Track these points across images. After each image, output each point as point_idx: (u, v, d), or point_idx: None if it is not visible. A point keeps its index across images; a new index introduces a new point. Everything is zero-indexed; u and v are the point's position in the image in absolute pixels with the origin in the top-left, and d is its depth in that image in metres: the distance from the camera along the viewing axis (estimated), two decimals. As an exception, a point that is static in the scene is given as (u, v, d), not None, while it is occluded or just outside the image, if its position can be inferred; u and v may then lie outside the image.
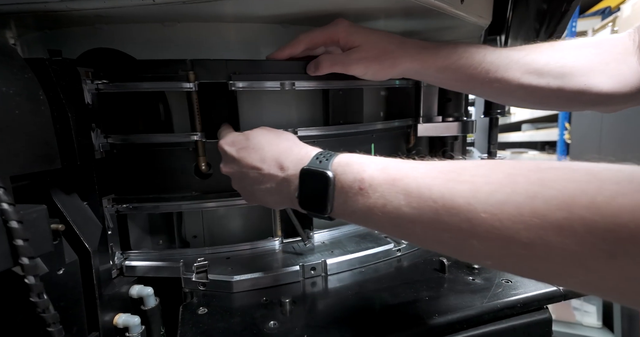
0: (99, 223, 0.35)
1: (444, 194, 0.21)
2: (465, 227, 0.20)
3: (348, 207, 0.26)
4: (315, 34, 0.39)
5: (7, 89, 0.25)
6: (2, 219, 0.22)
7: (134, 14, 0.39)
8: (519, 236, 0.18)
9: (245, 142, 0.34)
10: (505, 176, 0.20)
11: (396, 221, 0.23)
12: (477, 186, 0.20)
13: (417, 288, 0.36)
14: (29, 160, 0.27)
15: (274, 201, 0.33)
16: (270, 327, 0.31)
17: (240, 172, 0.33)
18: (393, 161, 0.26)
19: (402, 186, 0.23)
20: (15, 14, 0.38)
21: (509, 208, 0.18)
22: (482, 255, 0.20)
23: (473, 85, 0.40)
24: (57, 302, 0.27)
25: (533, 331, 0.33)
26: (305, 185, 0.28)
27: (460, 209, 0.20)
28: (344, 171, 0.26)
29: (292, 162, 0.30)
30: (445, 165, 0.23)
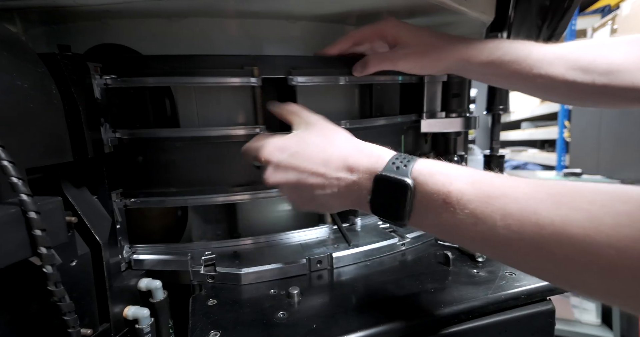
0: (109, 216, 0.36)
1: (553, 221, 0.19)
2: (581, 259, 0.18)
3: (429, 220, 0.25)
4: (364, 31, 0.41)
5: (22, 83, 0.26)
6: (21, 209, 0.22)
7: (141, 9, 0.39)
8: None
9: (298, 145, 0.31)
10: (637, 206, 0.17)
11: (489, 240, 0.22)
12: (597, 216, 0.18)
13: (422, 280, 0.37)
14: (42, 153, 0.28)
15: (338, 205, 0.31)
16: (280, 317, 0.31)
17: (297, 179, 0.30)
18: (484, 174, 0.24)
19: (499, 206, 0.21)
20: (22, 9, 0.38)
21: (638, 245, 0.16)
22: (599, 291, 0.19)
23: (516, 81, 0.40)
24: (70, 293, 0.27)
25: (536, 321, 0.33)
26: (380, 192, 0.26)
27: (574, 240, 0.18)
28: (426, 181, 0.25)
29: (363, 165, 0.28)
30: (553, 187, 0.21)
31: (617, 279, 0.18)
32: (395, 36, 0.40)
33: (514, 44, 0.39)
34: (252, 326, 0.30)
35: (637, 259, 0.17)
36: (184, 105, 0.43)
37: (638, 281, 0.17)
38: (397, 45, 0.40)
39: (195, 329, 0.30)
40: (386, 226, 0.49)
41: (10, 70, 0.26)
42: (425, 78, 0.51)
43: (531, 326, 0.33)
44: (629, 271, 0.17)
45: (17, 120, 0.25)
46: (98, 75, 0.36)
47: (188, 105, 0.43)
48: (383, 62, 0.40)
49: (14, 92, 0.25)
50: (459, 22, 0.52)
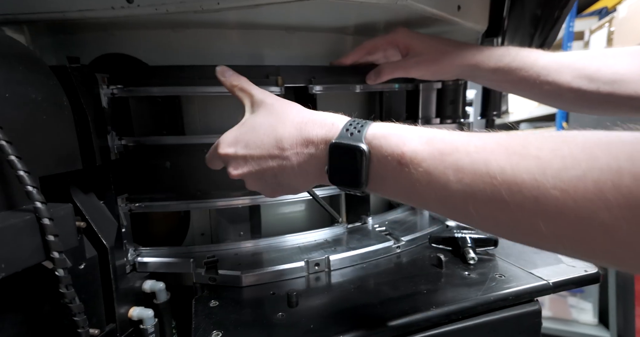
0: (115, 221, 0.37)
1: (504, 169, 0.19)
2: (530, 206, 0.18)
3: (386, 182, 0.24)
4: (377, 41, 0.44)
5: (36, 96, 0.27)
6: (36, 216, 0.24)
7: (146, 21, 0.41)
8: (597, 217, 0.16)
9: (251, 132, 0.30)
10: (581, 149, 0.17)
11: (443, 199, 0.21)
12: (545, 161, 0.18)
13: (415, 282, 0.38)
14: (54, 162, 0.29)
15: (302, 183, 0.30)
16: (279, 317, 0.33)
17: (257, 167, 0.29)
18: (439, 132, 0.23)
19: (452, 161, 0.21)
20: (32, 21, 0.40)
21: (585, 185, 0.16)
22: (548, 237, 0.18)
23: (523, 87, 0.42)
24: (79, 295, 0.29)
25: (524, 321, 0.35)
26: (336, 160, 0.25)
27: (524, 186, 0.18)
28: (380, 144, 0.24)
29: (317, 135, 0.27)
30: (504, 138, 0.20)
31: (564, 222, 0.17)
32: (407, 44, 0.42)
33: (521, 51, 0.40)
34: (253, 326, 0.32)
35: (580, 199, 0.16)
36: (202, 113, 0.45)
37: (582, 223, 0.17)
38: (409, 53, 0.43)
39: (199, 329, 0.32)
40: (382, 229, 0.51)
41: (25, 83, 0.27)
42: (420, 85, 0.53)
43: (519, 326, 0.35)
44: (573, 213, 0.17)
45: (31, 132, 0.27)
46: (105, 85, 0.38)
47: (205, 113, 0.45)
48: (396, 70, 0.43)
49: (28, 104, 0.27)
50: (454, 31, 0.53)
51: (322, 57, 0.49)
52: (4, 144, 0.23)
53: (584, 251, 0.18)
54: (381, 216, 0.55)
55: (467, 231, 0.46)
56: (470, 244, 0.44)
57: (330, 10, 0.41)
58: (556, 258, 0.42)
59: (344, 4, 0.38)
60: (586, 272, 0.38)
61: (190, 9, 0.36)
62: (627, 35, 1.72)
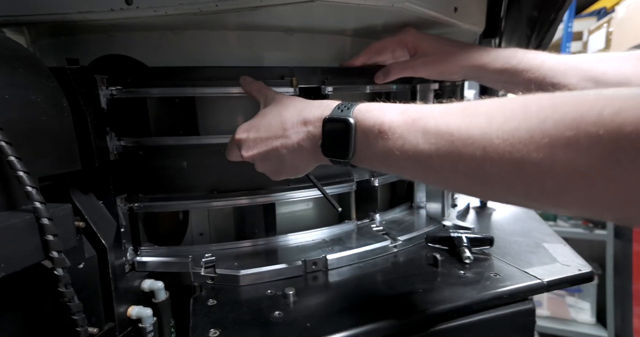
0: (114, 221, 0.38)
1: (460, 127, 0.23)
2: (479, 154, 0.21)
3: (369, 151, 0.28)
4: (386, 42, 0.46)
5: (36, 97, 0.28)
6: (35, 216, 0.24)
7: (146, 23, 0.41)
8: (529, 156, 0.19)
9: (260, 119, 0.35)
10: (519, 105, 0.21)
11: (414, 157, 0.25)
12: (491, 117, 0.22)
13: (412, 281, 0.38)
14: (53, 163, 0.29)
15: (302, 162, 0.33)
16: (276, 316, 0.33)
17: (264, 148, 0.33)
18: (413, 105, 0.27)
19: (421, 125, 0.25)
20: (33, 23, 0.40)
21: (520, 133, 0.20)
22: (494, 178, 0.22)
23: (529, 89, 0.42)
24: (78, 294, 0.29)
25: (518, 319, 0.35)
26: (328, 133, 0.30)
27: (475, 139, 0.22)
28: (364, 117, 0.28)
29: (314, 115, 0.31)
30: (463, 104, 0.25)
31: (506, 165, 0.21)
32: (415, 45, 0.44)
33: (528, 53, 0.42)
34: (250, 325, 0.32)
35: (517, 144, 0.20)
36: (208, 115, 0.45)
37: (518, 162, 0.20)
38: (416, 53, 0.45)
39: (196, 328, 0.32)
40: (380, 229, 0.51)
41: (25, 85, 0.27)
42: (417, 86, 0.53)
43: (513, 324, 0.35)
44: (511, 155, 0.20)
45: (31, 133, 0.27)
46: (104, 86, 0.38)
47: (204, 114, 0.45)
48: (405, 69, 0.45)
49: (28, 106, 0.27)
50: (451, 33, 0.54)
51: (321, 59, 0.50)
52: (4, 145, 0.23)
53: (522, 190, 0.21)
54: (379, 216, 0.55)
55: (463, 231, 0.46)
56: (466, 244, 0.44)
57: (328, 12, 0.41)
58: (551, 257, 0.43)
59: (342, 7, 0.38)
60: (580, 271, 0.39)
61: (189, 11, 0.36)
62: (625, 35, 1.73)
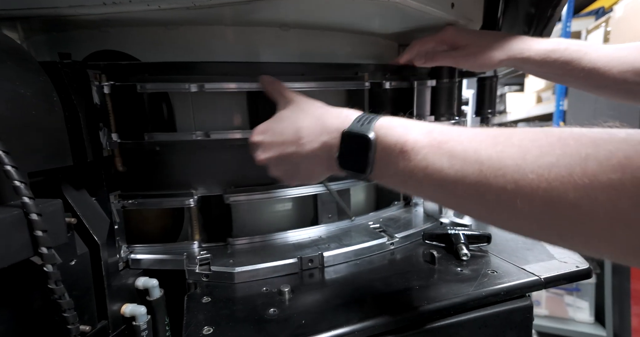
0: (107, 217, 0.37)
1: (491, 156, 0.21)
2: (511, 188, 0.20)
3: (389, 170, 0.27)
4: (427, 40, 0.48)
5: (25, 91, 0.27)
6: (24, 211, 0.24)
7: (139, 18, 0.40)
8: (566, 196, 0.18)
9: (277, 123, 0.34)
10: (557, 139, 0.20)
11: (437, 182, 0.24)
12: (526, 149, 0.20)
13: (408, 278, 0.38)
14: (44, 158, 0.29)
15: (316, 171, 0.33)
16: (271, 313, 0.33)
17: (278, 153, 0.33)
18: (439, 126, 0.26)
19: (447, 149, 0.24)
20: (25, 18, 0.39)
21: (558, 169, 0.19)
22: (525, 215, 0.20)
23: (569, 79, 0.44)
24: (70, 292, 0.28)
25: (515, 316, 0.35)
26: (346, 147, 0.29)
27: (507, 170, 0.20)
28: (386, 134, 0.27)
29: (332, 125, 0.30)
30: (493, 131, 0.23)
31: (538, 202, 0.19)
32: (455, 41, 0.46)
33: (571, 46, 0.42)
34: (244, 322, 0.32)
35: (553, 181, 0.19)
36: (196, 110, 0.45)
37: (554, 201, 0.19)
38: (457, 48, 0.46)
39: (190, 325, 0.32)
40: (376, 226, 0.51)
41: (14, 79, 0.27)
42: (414, 83, 0.53)
43: (510, 321, 0.35)
44: (547, 193, 0.19)
45: (20, 127, 0.27)
46: (97, 81, 0.38)
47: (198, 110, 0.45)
48: (446, 58, 0.47)
49: (17, 100, 0.27)
50: (448, 28, 0.53)
51: (317, 55, 0.49)
52: (-8, 138, 0.23)
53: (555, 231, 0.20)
54: (376, 213, 0.55)
55: (461, 228, 0.46)
56: (463, 241, 0.44)
57: (323, 7, 0.41)
58: (548, 254, 0.42)
59: (337, 2, 0.38)
60: (577, 268, 0.39)
61: (183, 5, 0.36)
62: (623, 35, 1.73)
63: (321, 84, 0.45)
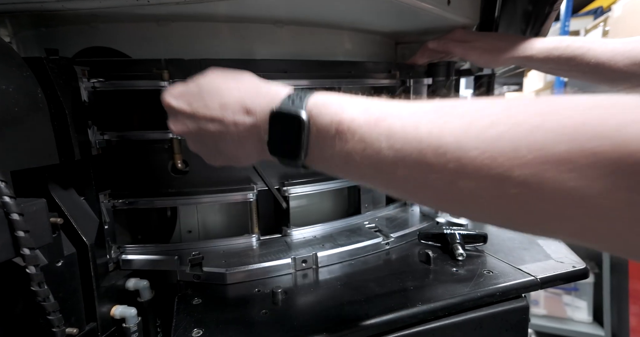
0: (96, 218, 0.36)
1: (431, 132, 0.19)
2: (453, 167, 0.18)
3: (324, 153, 0.24)
4: (439, 41, 0.51)
5: (7, 86, 0.26)
6: (4, 211, 0.23)
7: (129, 14, 0.40)
8: (512, 173, 0.16)
9: (197, 89, 0.29)
10: (504, 108, 0.17)
11: (376, 165, 0.21)
12: (469, 120, 0.18)
13: (403, 279, 0.38)
14: (28, 156, 0.28)
15: (242, 155, 0.29)
16: (262, 315, 0.32)
17: (197, 128, 0.28)
18: (377, 101, 0.23)
19: (385, 126, 0.20)
20: (12, 13, 0.39)
21: (503, 143, 0.16)
22: (470, 198, 0.18)
23: (575, 74, 0.45)
24: (56, 293, 0.28)
25: (511, 317, 0.34)
26: (276, 129, 0.25)
27: (448, 148, 0.18)
28: (320, 112, 0.23)
29: (259, 105, 0.26)
30: (438, 103, 0.20)
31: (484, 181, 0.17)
32: (464, 40, 0.49)
33: (574, 43, 0.44)
34: (235, 324, 0.31)
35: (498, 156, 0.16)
36: None
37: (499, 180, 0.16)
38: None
39: (179, 328, 0.31)
40: (372, 226, 0.50)
41: (-5, 74, 0.26)
42: (411, 81, 0.52)
43: (506, 322, 0.34)
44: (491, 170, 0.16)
45: (1, 124, 0.26)
46: (85, 78, 0.37)
47: None
48: (456, 48, 0.50)
49: (-2, 96, 0.26)
50: (445, 26, 0.53)
51: (312, 52, 0.48)
52: (-30, 135, 0.22)
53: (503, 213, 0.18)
54: (371, 213, 0.55)
55: (457, 228, 0.46)
56: (459, 241, 0.43)
57: (318, 3, 0.40)
58: (545, 254, 0.42)
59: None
60: (574, 268, 0.38)
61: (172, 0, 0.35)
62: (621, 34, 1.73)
63: (315, 81, 0.44)
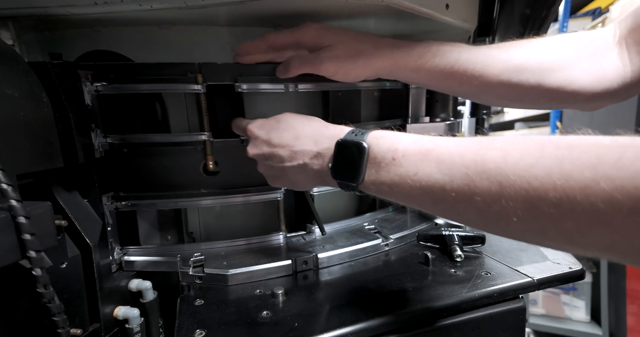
0: (99, 219, 0.37)
1: (475, 160, 0.23)
2: (495, 189, 0.22)
3: (379, 177, 0.28)
4: (282, 34, 0.38)
5: (13, 92, 0.27)
6: (11, 214, 0.24)
7: (131, 18, 0.40)
8: (547, 195, 0.19)
9: (276, 124, 0.36)
10: (535, 143, 0.22)
11: (427, 188, 0.25)
12: (506, 152, 0.22)
13: (401, 280, 0.38)
14: (33, 160, 0.29)
15: (302, 180, 0.34)
16: (263, 316, 0.33)
17: (270, 152, 0.34)
18: (427, 136, 0.28)
19: (435, 155, 0.25)
20: (15, 17, 0.39)
21: (537, 171, 0.20)
22: (511, 216, 0.22)
23: (451, 84, 0.39)
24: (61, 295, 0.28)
25: (508, 318, 0.35)
26: (340, 156, 0.30)
27: (490, 173, 0.22)
28: (378, 143, 0.29)
29: (327, 137, 0.32)
30: (477, 138, 0.25)
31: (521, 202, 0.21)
32: (317, 41, 0.38)
33: (443, 46, 0.38)
34: (237, 325, 0.32)
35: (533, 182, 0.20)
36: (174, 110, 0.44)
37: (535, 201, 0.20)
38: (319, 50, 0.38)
39: (182, 329, 0.31)
40: (371, 227, 0.51)
41: (1, 79, 0.27)
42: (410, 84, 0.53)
43: (503, 323, 0.35)
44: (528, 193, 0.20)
45: (7, 129, 0.26)
46: (89, 82, 0.37)
47: (178, 111, 0.45)
48: (304, 64, 0.38)
49: (4, 101, 0.26)
50: (444, 29, 0.53)
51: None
52: (-22, 140, 0.23)
53: (538, 228, 0.21)
54: (371, 215, 0.55)
55: (455, 229, 0.46)
56: (457, 242, 0.44)
57: (317, 7, 0.40)
58: (542, 256, 0.42)
59: (331, 3, 0.38)
60: (571, 269, 0.39)
61: (175, 5, 0.35)
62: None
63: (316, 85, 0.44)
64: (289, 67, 0.39)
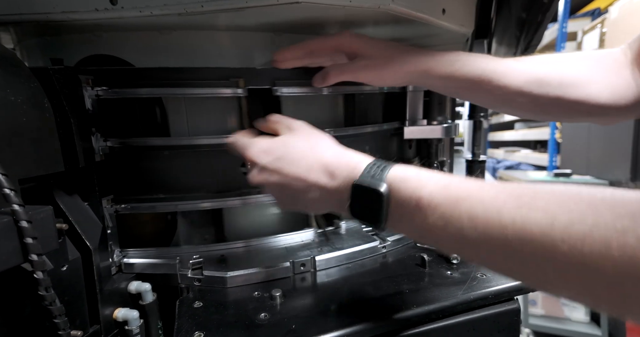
0: (99, 222, 0.37)
1: (515, 221, 0.20)
2: (540, 255, 0.19)
3: (404, 224, 0.26)
4: (322, 43, 0.41)
5: (16, 98, 0.27)
6: (13, 219, 0.24)
7: (132, 23, 0.41)
8: (605, 271, 0.17)
9: (284, 149, 0.33)
10: (587, 205, 0.19)
11: (458, 243, 0.23)
12: (553, 215, 0.19)
13: (398, 282, 0.39)
14: (35, 164, 0.29)
15: (321, 207, 0.33)
16: (261, 318, 0.33)
17: (281, 183, 0.32)
18: (455, 179, 0.25)
19: (466, 208, 0.22)
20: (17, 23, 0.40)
21: (592, 241, 0.18)
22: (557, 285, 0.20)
23: (476, 93, 0.41)
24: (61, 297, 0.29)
25: (503, 319, 0.35)
26: (357, 199, 0.28)
27: (534, 238, 0.19)
28: (399, 188, 0.26)
29: (342, 172, 0.29)
30: (515, 189, 0.22)
31: (572, 273, 0.19)
32: (354, 50, 0.40)
33: (472, 56, 0.40)
34: (235, 326, 0.32)
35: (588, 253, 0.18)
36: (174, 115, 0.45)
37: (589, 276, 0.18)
38: (356, 57, 0.40)
39: (181, 330, 0.32)
40: (369, 229, 0.51)
41: (4, 86, 0.27)
42: (407, 87, 0.53)
43: (498, 324, 0.35)
44: (581, 265, 0.18)
45: (10, 134, 0.27)
46: (89, 86, 0.38)
47: (178, 115, 0.45)
48: (343, 73, 0.41)
49: (7, 107, 0.27)
50: (441, 33, 0.54)
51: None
52: (-19, 147, 0.23)
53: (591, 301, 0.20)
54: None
55: (452, 231, 0.46)
56: (454, 244, 0.44)
57: (316, 13, 0.41)
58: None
59: (328, 8, 0.38)
60: (565, 271, 0.39)
61: (175, 11, 0.36)
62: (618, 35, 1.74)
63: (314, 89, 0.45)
64: (328, 76, 0.41)
